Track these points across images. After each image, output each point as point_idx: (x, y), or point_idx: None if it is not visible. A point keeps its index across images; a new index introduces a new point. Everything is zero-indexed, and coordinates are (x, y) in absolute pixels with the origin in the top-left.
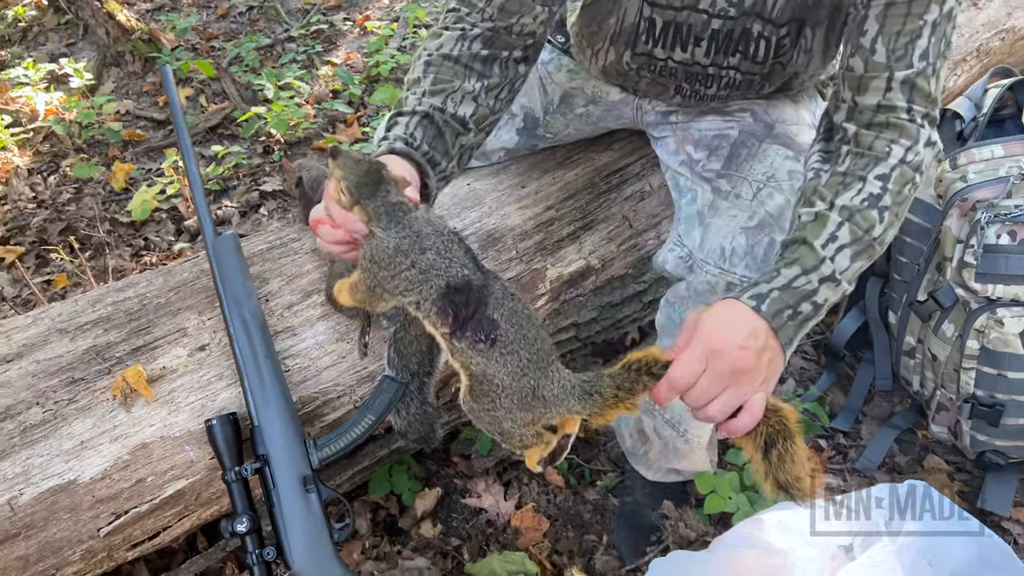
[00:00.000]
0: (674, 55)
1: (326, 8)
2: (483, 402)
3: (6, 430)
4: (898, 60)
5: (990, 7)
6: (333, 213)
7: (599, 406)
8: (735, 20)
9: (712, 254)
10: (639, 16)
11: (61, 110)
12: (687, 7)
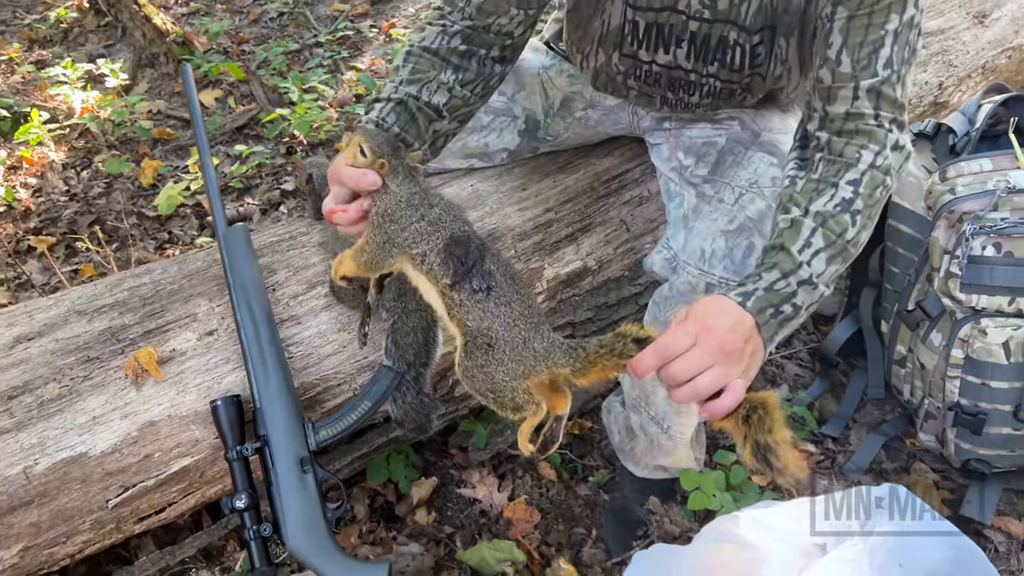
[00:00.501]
0: (657, 57)
1: (354, 15)
2: (477, 357)
3: (24, 403)
4: (863, 69)
5: (997, 25)
6: (345, 175)
7: (582, 363)
8: (711, 24)
9: (693, 256)
10: (623, 19)
11: (96, 108)
12: (667, 8)
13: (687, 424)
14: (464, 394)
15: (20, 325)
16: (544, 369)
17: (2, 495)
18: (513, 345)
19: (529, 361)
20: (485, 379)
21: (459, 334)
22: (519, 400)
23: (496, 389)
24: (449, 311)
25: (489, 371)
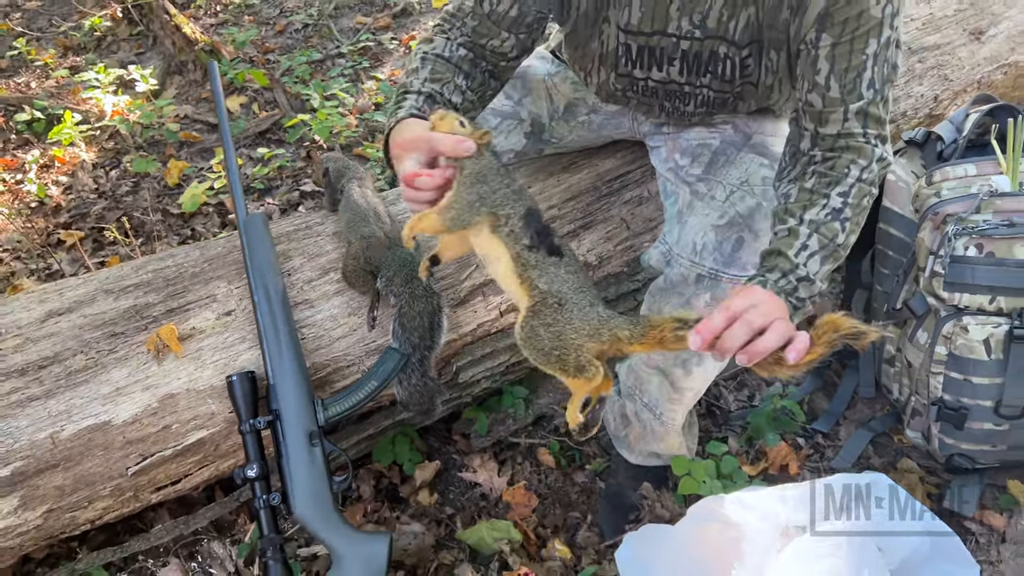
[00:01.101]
0: (652, 75)
1: (376, 28)
2: (546, 316)
3: (54, 373)
4: (849, 93)
5: (993, 42)
6: (441, 140)
7: (643, 328)
8: (701, 42)
9: (685, 248)
10: (617, 42)
11: (126, 111)
12: (657, 32)
13: (678, 411)
14: (468, 381)
15: (51, 302)
16: (607, 332)
17: (30, 458)
18: (581, 306)
19: (595, 322)
20: (552, 337)
21: (527, 296)
22: (583, 360)
23: (564, 346)
24: (522, 272)
25: (557, 329)
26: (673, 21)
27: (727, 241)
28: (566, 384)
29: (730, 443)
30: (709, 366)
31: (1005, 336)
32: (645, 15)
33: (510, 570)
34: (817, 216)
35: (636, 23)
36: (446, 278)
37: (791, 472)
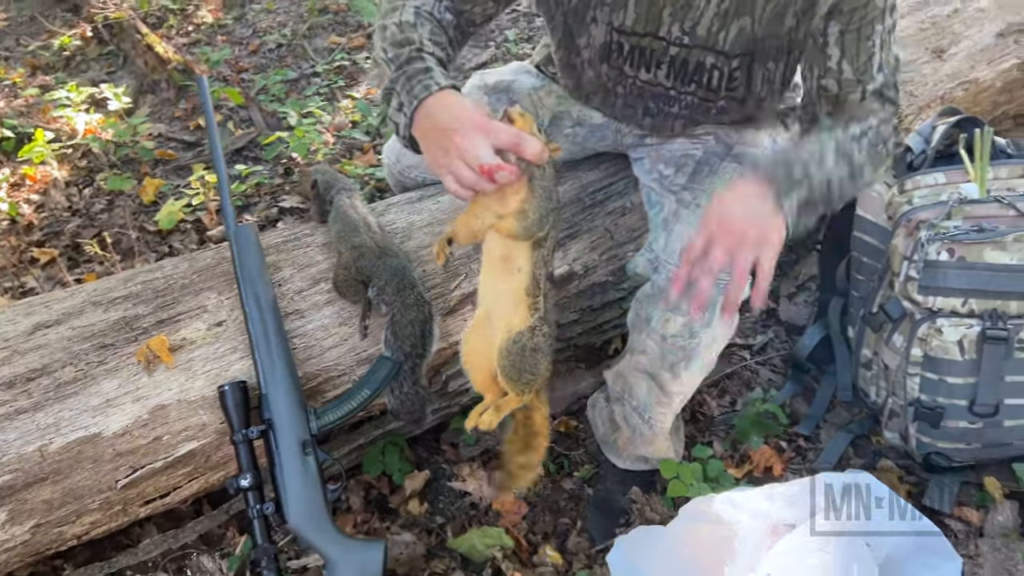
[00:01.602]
0: (640, 75)
1: (350, 48)
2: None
3: (42, 385)
4: (863, 75)
5: (954, 60)
6: (531, 145)
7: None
8: (689, 50)
9: (672, 255)
10: (608, 38)
11: (99, 130)
12: (648, 34)
13: (667, 415)
14: (456, 390)
15: (38, 314)
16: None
17: (18, 471)
18: (553, 339)
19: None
20: (532, 360)
21: (527, 316)
22: (539, 385)
23: (536, 369)
24: (535, 293)
25: (540, 354)
26: (664, 25)
27: None
28: (488, 392)
29: (715, 447)
30: (696, 370)
31: (978, 337)
32: (639, 16)
33: None
34: (837, 135)
35: (630, 24)
36: (435, 288)
37: (775, 474)
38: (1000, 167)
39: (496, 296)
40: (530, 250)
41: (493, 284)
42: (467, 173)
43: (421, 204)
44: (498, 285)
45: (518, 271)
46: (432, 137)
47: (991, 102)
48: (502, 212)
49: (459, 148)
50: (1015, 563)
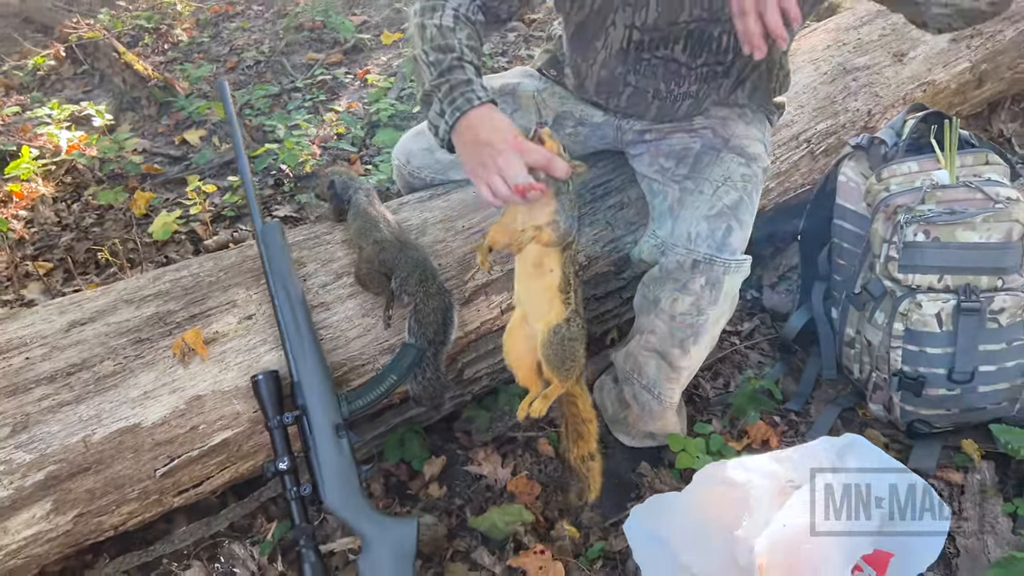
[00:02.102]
0: (656, 53)
1: (328, 63)
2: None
3: (83, 379)
4: None
5: (913, 63)
6: (559, 167)
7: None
8: (706, 23)
9: (680, 238)
10: (626, 36)
11: (83, 146)
12: (670, 23)
13: (675, 389)
14: (471, 378)
15: (72, 312)
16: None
17: (63, 462)
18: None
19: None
20: (572, 348)
21: (561, 310)
22: (577, 372)
23: (575, 357)
24: (567, 289)
25: (577, 343)
26: (685, 11)
27: (718, 229)
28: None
29: (714, 424)
30: (704, 345)
31: (953, 310)
32: (662, 12)
33: (525, 549)
34: None
35: (652, 20)
36: (450, 280)
37: (772, 446)
38: (966, 155)
39: (531, 296)
40: (560, 253)
41: (528, 286)
42: (503, 188)
43: (432, 202)
44: (533, 286)
45: (550, 272)
46: (472, 148)
47: (947, 103)
48: (536, 224)
49: (498, 165)
50: (995, 516)
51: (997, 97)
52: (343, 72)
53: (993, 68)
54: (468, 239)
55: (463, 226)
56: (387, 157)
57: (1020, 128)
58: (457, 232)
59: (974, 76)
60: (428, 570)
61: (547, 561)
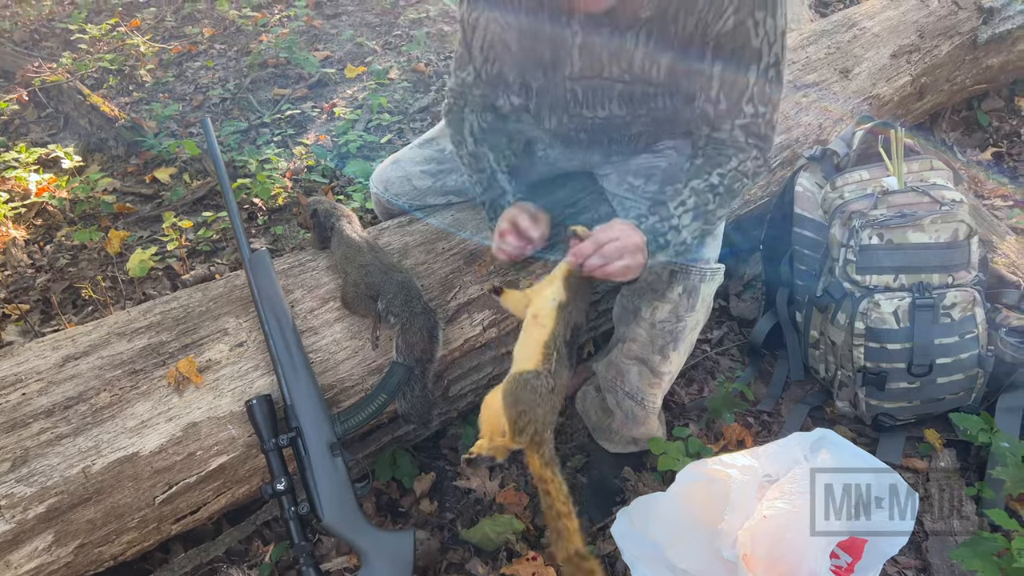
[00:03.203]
0: (598, 113)
1: (295, 98)
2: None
3: (80, 411)
4: (734, 107)
5: (858, 79)
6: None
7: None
8: (632, 85)
9: None
10: (564, 89)
11: (53, 188)
12: (596, 76)
13: (658, 394)
14: (456, 395)
15: (65, 348)
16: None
17: (63, 494)
18: (554, 409)
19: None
20: (529, 401)
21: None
22: (529, 433)
23: (530, 413)
24: (549, 347)
25: (536, 399)
26: (606, 67)
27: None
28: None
29: (692, 428)
30: (683, 350)
31: (909, 306)
32: (584, 63)
33: (518, 557)
34: (698, 185)
35: (578, 71)
36: (434, 300)
37: (747, 445)
38: (912, 162)
39: (521, 347)
40: (555, 312)
41: (522, 338)
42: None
43: (412, 227)
44: (525, 338)
45: (542, 327)
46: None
47: (891, 114)
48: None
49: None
50: (960, 499)
51: (938, 108)
52: (310, 106)
53: (932, 81)
54: (448, 260)
55: (443, 248)
56: (359, 187)
57: (961, 136)
58: (438, 254)
59: (915, 89)
60: None
61: (539, 567)
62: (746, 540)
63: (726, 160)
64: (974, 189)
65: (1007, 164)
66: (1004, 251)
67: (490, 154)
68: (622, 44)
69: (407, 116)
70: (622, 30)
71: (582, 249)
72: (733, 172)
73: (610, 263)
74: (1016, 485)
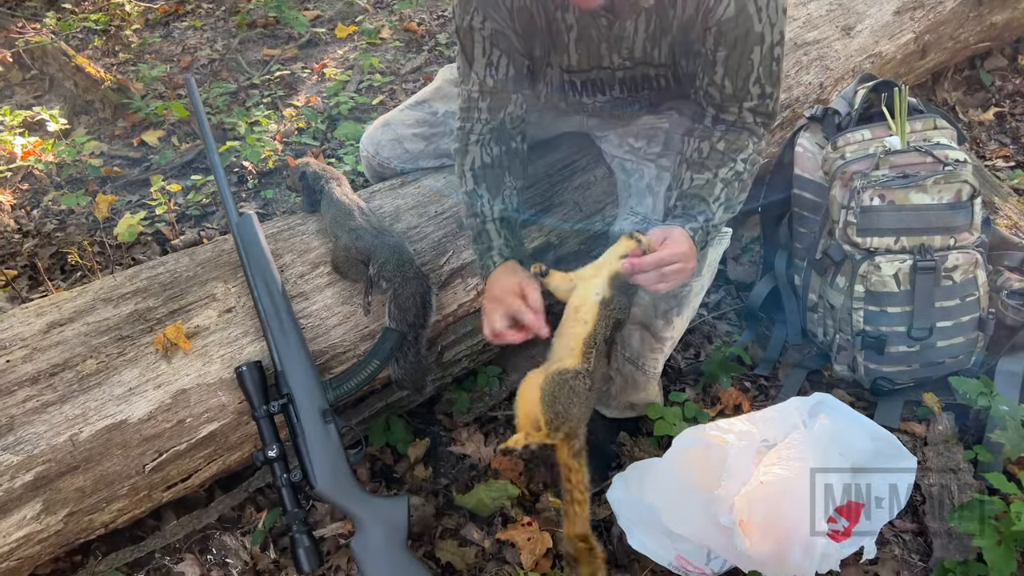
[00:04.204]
0: (597, 99)
1: (284, 59)
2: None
3: (66, 379)
4: (740, 91)
5: (860, 36)
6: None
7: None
8: (633, 69)
9: (661, 214)
10: (562, 81)
11: (39, 152)
12: (594, 68)
13: (659, 359)
14: (450, 360)
15: (50, 314)
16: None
17: (51, 462)
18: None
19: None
20: (568, 401)
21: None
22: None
23: (567, 413)
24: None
25: (573, 399)
26: (605, 58)
27: None
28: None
29: (688, 393)
30: (686, 315)
31: (910, 269)
32: (582, 57)
33: (513, 523)
34: (727, 175)
35: (576, 63)
36: (426, 264)
37: (744, 410)
38: (915, 121)
39: (561, 339)
40: (598, 308)
41: (562, 329)
42: (486, 331)
43: (404, 190)
44: (565, 330)
45: (584, 323)
46: (485, 302)
47: (893, 73)
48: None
49: (488, 316)
50: (957, 463)
51: (940, 67)
52: (300, 67)
53: (936, 39)
54: (441, 224)
55: (436, 211)
56: (351, 149)
57: (963, 96)
58: (431, 217)
59: (918, 47)
60: (419, 549)
61: (535, 532)
62: (743, 505)
63: (744, 144)
64: (976, 150)
65: (1009, 124)
66: (1006, 212)
67: (485, 195)
68: (621, 33)
69: (399, 77)
70: (621, 20)
71: (643, 264)
72: (752, 156)
73: (666, 281)
74: (1015, 449)
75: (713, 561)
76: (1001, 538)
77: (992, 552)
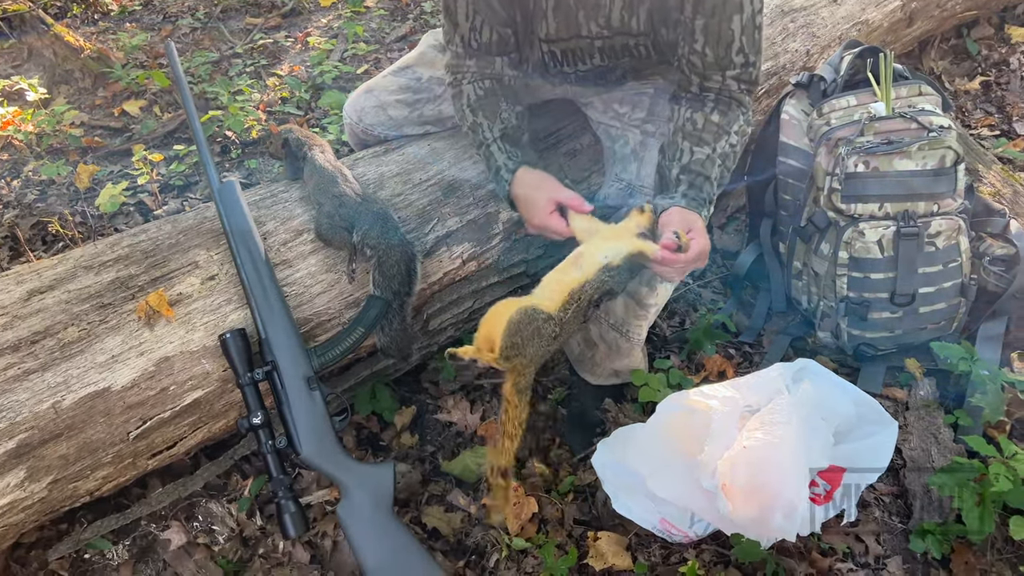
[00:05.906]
0: (578, 68)
1: (267, 28)
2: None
3: (47, 346)
4: (723, 59)
5: (847, 3)
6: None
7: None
8: (611, 38)
9: (648, 179)
10: (541, 52)
11: (18, 122)
12: (573, 36)
13: (643, 326)
14: (436, 329)
15: (30, 282)
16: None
17: (34, 429)
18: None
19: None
20: (527, 337)
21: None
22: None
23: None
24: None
25: (534, 340)
26: (583, 26)
27: None
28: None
29: (673, 360)
30: (670, 282)
31: (893, 235)
32: (560, 25)
33: None
34: (724, 149)
35: (554, 32)
36: (411, 232)
37: (728, 377)
38: (900, 87)
39: (552, 277)
40: (597, 270)
41: (555, 273)
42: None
43: (387, 157)
44: (558, 275)
45: (578, 276)
46: (521, 207)
47: (880, 41)
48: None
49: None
50: (938, 427)
51: (927, 35)
52: (283, 36)
53: (923, 7)
54: (426, 191)
55: (420, 179)
56: (335, 119)
57: (949, 65)
58: (415, 185)
59: (905, 15)
60: (406, 515)
61: (520, 497)
62: (726, 470)
63: (736, 116)
64: (961, 119)
65: (995, 93)
66: (990, 180)
67: (484, 122)
68: (598, 1)
69: (384, 46)
70: None
71: (674, 259)
72: (742, 127)
73: (682, 274)
74: (994, 412)
75: (696, 524)
76: (980, 500)
77: (971, 513)
